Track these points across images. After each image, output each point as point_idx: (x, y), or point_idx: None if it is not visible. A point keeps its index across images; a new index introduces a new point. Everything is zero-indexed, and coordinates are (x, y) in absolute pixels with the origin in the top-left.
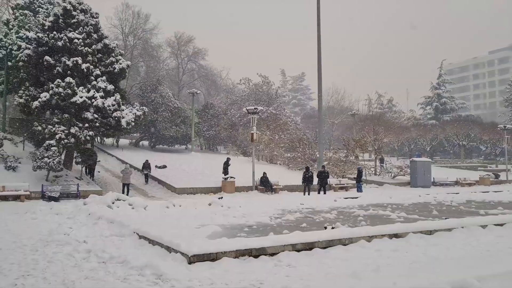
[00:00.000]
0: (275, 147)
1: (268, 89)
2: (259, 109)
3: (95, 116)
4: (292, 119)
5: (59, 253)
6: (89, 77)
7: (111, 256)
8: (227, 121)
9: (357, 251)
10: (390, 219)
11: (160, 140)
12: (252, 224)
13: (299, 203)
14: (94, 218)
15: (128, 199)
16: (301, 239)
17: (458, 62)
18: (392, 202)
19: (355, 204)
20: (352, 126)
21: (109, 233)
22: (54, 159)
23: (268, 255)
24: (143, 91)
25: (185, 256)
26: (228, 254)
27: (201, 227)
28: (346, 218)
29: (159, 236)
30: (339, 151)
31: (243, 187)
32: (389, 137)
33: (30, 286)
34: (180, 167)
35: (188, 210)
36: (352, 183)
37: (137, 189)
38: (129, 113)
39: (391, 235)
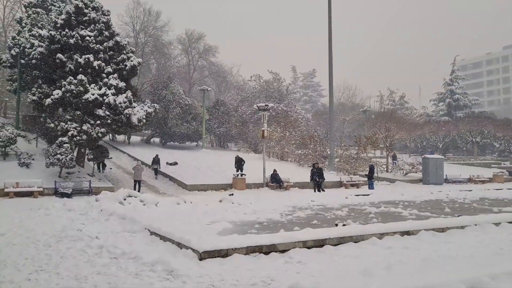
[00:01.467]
0: (286, 144)
1: (279, 86)
2: (270, 106)
3: (107, 113)
4: (303, 116)
5: (71, 248)
6: (100, 75)
7: (123, 252)
8: (237, 118)
9: (368, 249)
10: (402, 216)
11: (171, 137)
12: (263, 221)
13: (310, 200)
14: (106, 214)
15: (139, 196)
16: (312, 236)
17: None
18: (404, 199)
19: (367, 201)
20: (363, 123)
21: (120, 229)
22: (67, 156)
23: (278, 252)
24: (154, 88)
25: (196, 252)
26: (238, 250)
27: (212, 224)
28: (357, 215)
29: (170, 232)
30: (350, 148)
31: (253, 184)
32: (400, 134)
33: (43, 281)
34: (191, 164)
35: (199, 207)
36: (364, 180)
37: (148, 186)
38: (141, 110)
39: (403, 232)
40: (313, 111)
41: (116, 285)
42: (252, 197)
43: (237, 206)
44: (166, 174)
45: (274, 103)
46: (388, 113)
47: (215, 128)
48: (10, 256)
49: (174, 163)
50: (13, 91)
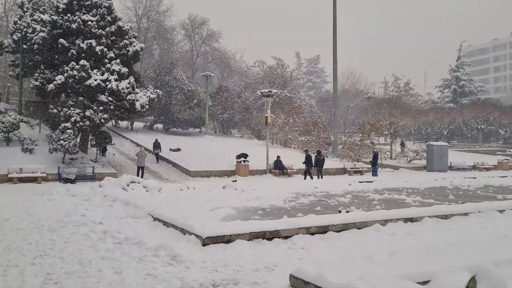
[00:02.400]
0: (289, 131)
1: (283, 72)
2: (274, 92)
3: (110, 99)
4: (307, 102)
5: (75, 233)
6: (103, 60)
7: (126, 237)
8: (241, 104)
9: (371, 235)
10: (406, 203)
11: (174, 123)
12: (266, 207)
13: (313, 187)
14: (110, 200)
15: (142, 182)
16: (315, 223)
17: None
18: (407, 186)
19: (370, 188)
20: (367, 110)
21: (124, 215)
22: (70, 142)
23: (282, 238)
24: (157, 74)
25: (199, 238)
26: (242, 236)
27: (215, 210)
28: (360, 202)
29: (173, 218)
30: (354, 134)
31: (257, 170)
32: (405, 121)
33: (47, 266)
34: (194, 150)
35: (202, 193)
36: (367, 167)
37: (151, 172)
38: (143, 96)
39: (406, 219)
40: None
41: (120, 270)
42: (255, 184)
43: (240, 193)
44: (169, 160)
45: (278, 89)
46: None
47: (218, 114)
48: (14, 241)
49: (177, 149)
50: (16, 77)
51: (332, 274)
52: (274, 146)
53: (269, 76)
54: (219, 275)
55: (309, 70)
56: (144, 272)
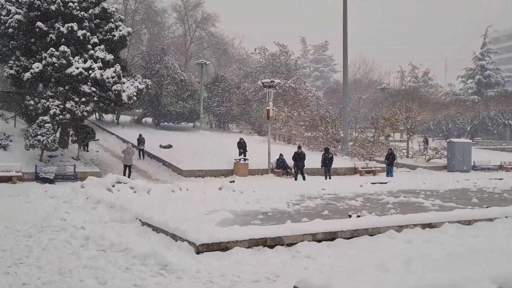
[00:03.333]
0: (293, 126)
1: (287, 60)
2: (276, 82)
3: (93, 90)
4: (314, 94)
5: (55, 239)
6: (85, 46)
7: (111, 244)
8: (240, 95)
9: (385, 242)
10: (423, 207)
11: (165, 116)
12: (267, 211)
13: (320, 188)
14: (93, 202)
15: (129, 182)
16: (322, 228)
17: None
18: (426, 188)
19: (384, 190)
20: (381, 102)
21: (109, 219)
22: (49, 137)
23: (285, 245)
24: (146, 62)
25: (192, 245)
26: (240, 243)
27: (210, 214)
28: (373, 206)
29: (164, 223)
30: (366, 130)
31: (257, 169)
32: (423, 115)
33: (23, 275)
34: (188, 147)
35: (196, 195)
36: (381, 167)
37: (139, 171)
38: (131, 86)
39: (424, 224)
40: (324, 89)
41: (104, 280)
42: (256, 184)
43: (239, 194)
44: (160, 158)
45: (281, 79)
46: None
47: (214, 107)
48: None
49: (168, 146)
50: None
51: (341, 285)
52: (276, 142)
53: (271, 64)
54: (214, 286)
55: (316, 57)
56: (131, 282)
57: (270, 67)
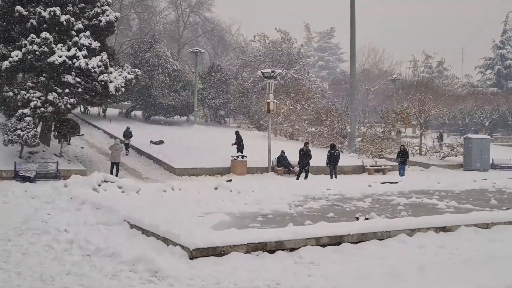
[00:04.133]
0: (296, 120)
1: (289, 48)
2: (278, 73)
3: (77, 80)
4: (318, 85)
5: (35, 243)
6: (69, 32)
7: (97, 248)
8: (237, 87)
9: (395, 247)
10: (437, 209)
11: (156, 109)
12: (267, 213)
13: (325, 188)
14: (77, 203)
15: (117, 181)
16: (327, 232)
17: None
18: (440, 188)
19: (395, 190)
20: (392, 94)
21: (94, 221)
22: (29, 132)
23: (286, 250)
24: (135, 50)
25: (185, 249)
26: (237, 248)
27: (205, 216)
28: (383, 207)
29: (154, 225)
30: (375, 125)
31: (256, 168)
32: (438, 108)
33: (1, 282)
34: (181, 143)
35: (190, 195)
36: (391, 165)
37: (128, 169)
38: (119, 76)
39: (438, 228)
40: (330, 79)
41: None
42: (255, 184)
43: (236, 195)
44: (150, 155)
45: (283, 69)
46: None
47: (209, 99)
48: None
49: (159, 141)
50: None
51: None
52: (277, 138)
53: (272, 53)
54: None
55: (321, 46)
56: None
57: (270, 56)
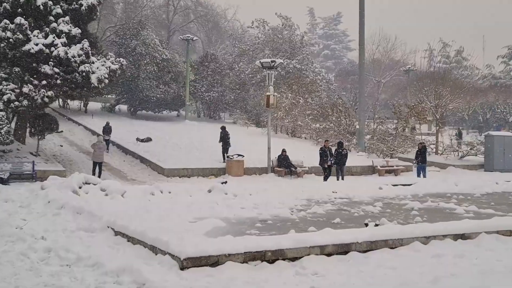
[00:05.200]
0: (299, 115)
1: (291, 35)
2: (278, 63)
3: (56, 71)
4: (323, 77)
5: (9, 252)
6: (47, 17)
7: (78, 257)
8: (234, 78)
9: (409, 257)
10: (455, 214)
11: (143, 103)
12: (267, 218)
13: (331, 191)
14: (56, 207)
15: (100, 183)
16: (333, 239)
17: None
18: (458, 191)
19: (408, 194)
20: (405, 87)
21: (75, 227)
22: (1, 128)
23: (287, 259)
24: (120, 37)
25: (176, 259)
26: (233, 257)
27: (197, 221)
28: (395, 212)
29: (141, 232)
30: (387, 121)
31: (254, 168)
32: (456, 103)
33: None
34: (170, 141)
35: (181, 198)
36: (404, 165)
37: (112, 170)
38: (101, 66)
39: (456, 235)
40: (337, 70)
41: None
42: (253, 186)
43: (232, 198)
44: (136, 154)
45: (284, 59)
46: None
47: (203, 92)
48: None
49: (147, 139)
50: None
51: None
52: (278, 135)
53: (272, 41)
54: None
55: (327, 33)
56: None
57: (270, 44)
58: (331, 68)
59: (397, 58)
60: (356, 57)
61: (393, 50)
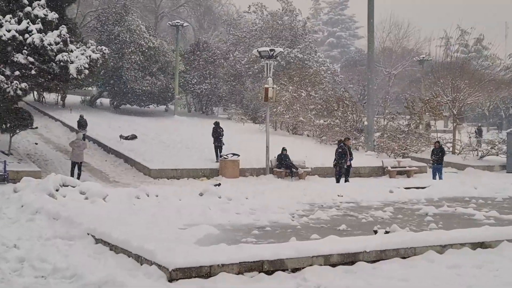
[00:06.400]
0: (301, 110)
1: (292, 21)
2: (278, 52)
3: (30, 60)
4: (328, 67)
5: None
6: (20, 1)
7: (54, 268)
8: (228, 69)
9: (422, 267)
10: (474, 220)
11: (127, 97)
12: (265, 225)
13: (336, 194)
14: (30, 212)
15: (79, 185)
16: (338, 248)
17: None
18: (477, 195)
19: (422, 197)
20: (419, 79)
21: (51, 234)
22: None
23: (287, 270)
24: (102, 23)
25: (163, 270)
26: (227, 268)
27: (188, 228)
28: (407, 218)
29: (125, 240)
30: (398, 116)
31: (251, 169)
32: (476, 96)
33: None
34: (158, 138)
35: (169, 203)
36: (418, 166)
37: (93, 170)
38: (81, 55)
39: (475, 244)
40: (343, 60)
41: None
42: (249, 189)
43: (227, 202)
44: (120, 153)
45: (284, 48)
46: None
47: (194, 84)
48: None
49: (131, 136)
50: None
51: None
52: (277, 132)
53: (271, 27)
54: None
55: (332, 18)
56: None
57: (269, 31)
58: (337, 58)
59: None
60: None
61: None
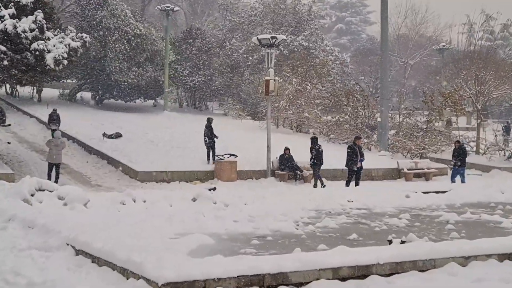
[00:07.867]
0: (306, 105)
1: (296, 5)
2: (280, 39)
3: (2, 49)
4: (336, 57)
5: None
6: None
7: (29, 283)
8: (224, 59)
9: (443, 281)
10: (501, 228)
11: (111, 90)
12: (266, 234)
13: (346, 199)
14: (2, 220)
15: (58, 189)
16: (348, 260)
17: None
18: (505, 200)
19: (442, 203)
20: (439, 71)
21: (26, 245)
22: None
23: (291, 285)
24: (82, 8)
25: (152, 284)
26: (224, 282)
27: (180, 238)
28: (425, 227)
29: (109, 251)
30: (415, 112)
31: (251, 171)
32: (502, 89)
33: None
34: (145, 137)
35: (159, 209)
36: (437, 168)
37: (72, 173)
38: (59, 44)
39: (503, 255)
40: (353, 49)
41: None
42: (248, 194)
43: (223, 209)
44: (103, 154)
45: (287, 35)
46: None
47: (186, 76)
48: None
49: (116, 135)
50: None
51: None
52: (279, 130)
53: (272, 12)
54: None
55: (341, 2)
56: None
57: (270, 17)
58: (346, 47)
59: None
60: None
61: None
